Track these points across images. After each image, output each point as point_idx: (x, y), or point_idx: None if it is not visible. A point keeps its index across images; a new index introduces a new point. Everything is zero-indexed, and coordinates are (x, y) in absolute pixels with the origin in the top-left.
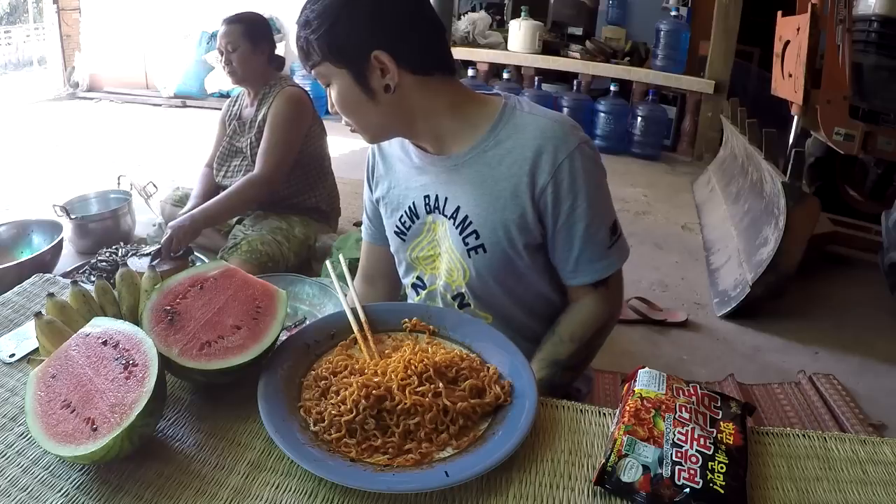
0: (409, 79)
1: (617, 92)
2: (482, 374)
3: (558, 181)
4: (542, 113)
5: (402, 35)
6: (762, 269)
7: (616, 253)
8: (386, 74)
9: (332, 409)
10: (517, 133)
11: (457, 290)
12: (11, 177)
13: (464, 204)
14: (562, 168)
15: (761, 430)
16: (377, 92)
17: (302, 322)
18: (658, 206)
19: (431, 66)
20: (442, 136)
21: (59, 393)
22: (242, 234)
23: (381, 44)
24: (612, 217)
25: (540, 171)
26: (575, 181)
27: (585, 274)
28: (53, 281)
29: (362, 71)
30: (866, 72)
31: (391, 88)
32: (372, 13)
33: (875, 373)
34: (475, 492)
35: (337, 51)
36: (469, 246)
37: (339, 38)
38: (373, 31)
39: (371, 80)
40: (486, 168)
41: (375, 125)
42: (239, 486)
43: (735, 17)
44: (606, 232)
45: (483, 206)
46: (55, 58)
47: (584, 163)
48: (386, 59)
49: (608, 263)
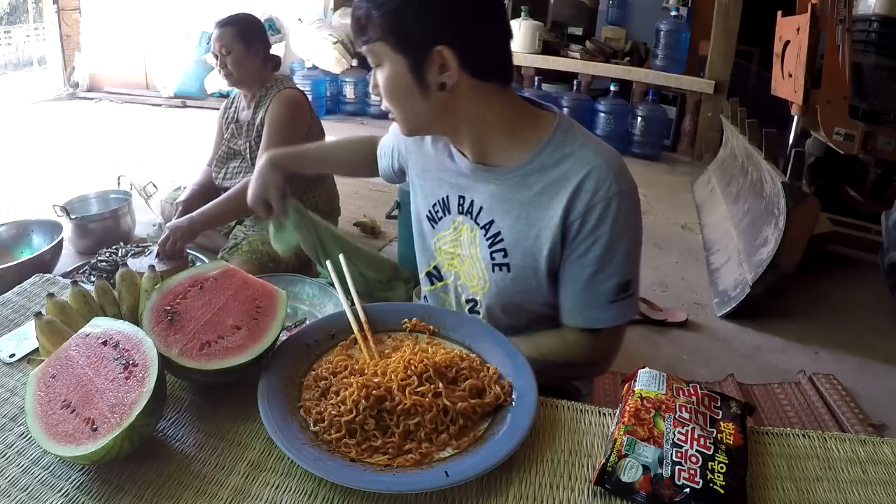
0: (466, 81)
1: (617, 92)
2: (482, 374)
3: (585, 220)
4: (593, 146)
5: (471, 34)
6: (762, 269)
7: (618, 310)
8: (445, 72)
9: (332, 409)
10: (564, 162)
11: (472, 295)
12: (11, 177)
13: (498, 219)
14: (594, 209)
15: (761, 430)
16: (431, 87)
17: (302, 322)
18: (658, 206)
19: (491, 72)
20: (486, 146)
21: (59, 393)
22: (243, 235)
23: (447, 39)
24: (629, 276)
25: (575, 206)
26: (600, 226)
27: (577, 317)
28: (53, 281)
29: (421, 62)
30: (866, 72)
31: (446, 87)
32: (445, 4)
33: (875, 373)
34: (475, 492)
35: (400, 35)
36: (496, 261)
37: (405, 23)
38: (442, 23)
39: (427, 74)
40: (528, 191)
41: (419, 120)
42: (239, 486)
43: (735, 17)
44: (614, 286)
45: (517, 229)
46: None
47: (618, 212)
48: (449, 55)
49: (605, 317)
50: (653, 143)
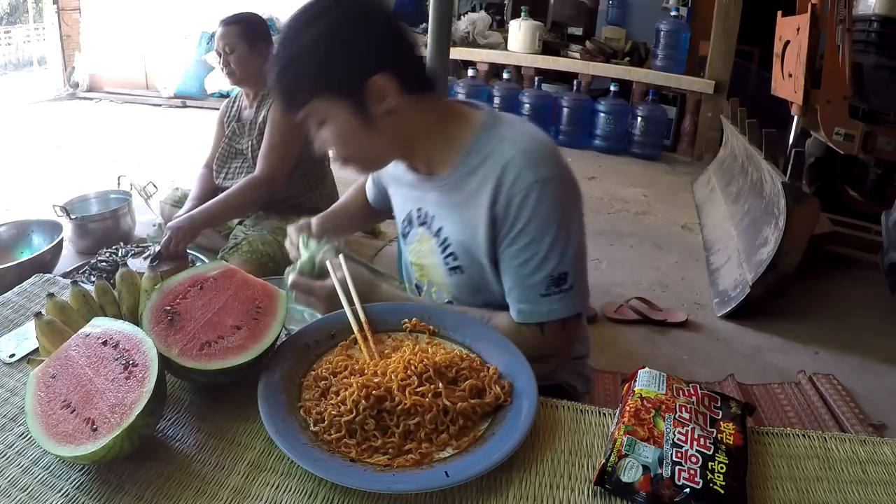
0: (405, 100)
1: (617, 92)
2: (482, 374)
3: (507, 213)
4: (517, 136)
5: (396, 53)
6: (762, 269)
7: (552, 304)
8: (385, 98)
9: (332, 409)
10: (487, 160)
11: (447, 298)
12: (11, 177)
13: (445, 225)
14: (513, 200)
15: (761, 430)
16: (376, 119)
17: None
18: (658, 206)
19: (423, 83)
20: (431, 157)
21: (59, 393)
22: (243, 235)
23: (378, 66)
24: (564, 268)
25: (498, 200)
26: (520, 216)
27: (514, 311)
28: (53, 281)
29: (362, 98)
30: (866, 72)
31: (391, 112)
32: (363, 38)
33: (875, 373)
34: (475, 492)
35: (334, 82)
36: (449, 265)
37: (333, 68)
38: (367, 54)
39: (371, 107)
40: (462, 194)
41: (376, 154)
42: (239, 486)
43: (735, 17)
44: (545, 278)
45: (459, 232)
46: (55, 58)
47: (538, 201)
48: (385, 81)
49: (540, 310)
50: (653, 143)
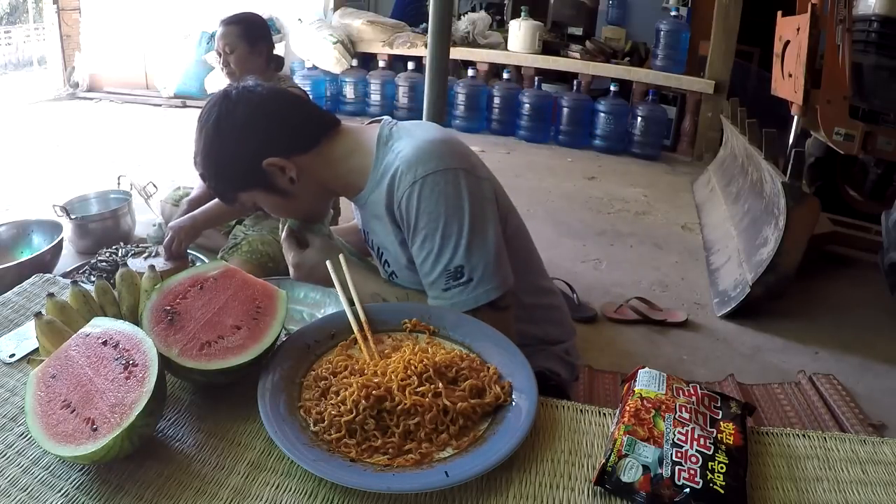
0: (304, 160)
1: (617, 92)
2: (482, 374)
3: (400, 215)
4: (403, 144)
5: (273, 134)
6: (762, 269)
7: (455, 297)
8: (285, 171)
9: (332, 409)
10: (387, 171)
11: None
12: (11, 177)
13: (376, 238)
14: (402, 203)
15: (761, 430)
16: (288, 189)
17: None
18: (658, 206)
19: (313, 137)
20: (349, 184)
21: (59, 393)
22: (243, 234)
23: (263, 154)
24: (459, 262)
25: (392, 206)
26: (409, 216)
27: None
28: (53, 281)
29: (267, 181)
30: (866, 72)
31: (295, 179)
32: (237, 138)
33: (875, 373)
34: (475, 492)
35: (237, 182)
36: (387, 272)
37: (230, 173)
38: (248, 149)
39: (279, 183)
40: (375, 209)
41: (308, 210)
42: (239, 486)
43: (735, 17)
44: (441, 273)
45: (382, 242)
46: (55, 58)
47: (420, 198)
48: (275, 160)
49: (446, 304)
50: (653, 143)
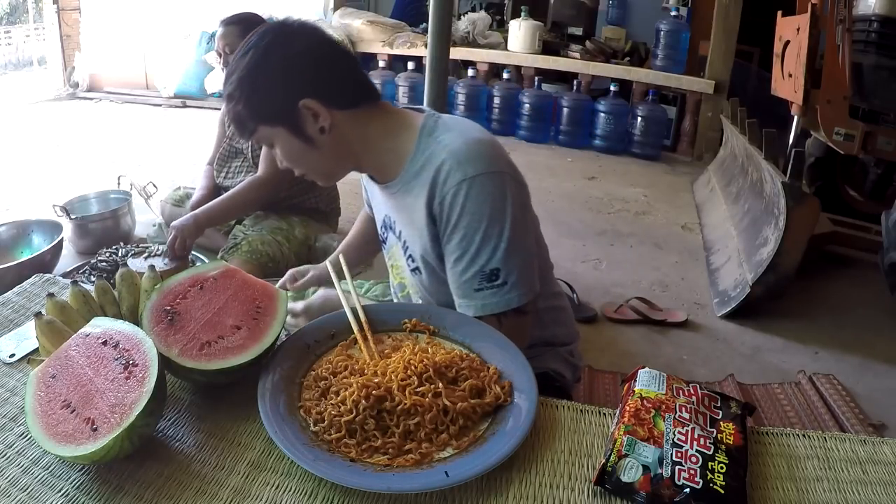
0: (340, 116)
1: (617, 92)
2: (482, 374)
3: (441, 212)
4: (451, 138)
5: (321, 77)
6: (762, 269)
7: (485, 299)
8: (318, 118)
9: (332, 409)
10: (428, 163)
11: (418, 299)
12: (11, 177)
13: (402, 228)
14: (445, 200)
15: (761, 430)
16: (315, 138)
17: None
18: (658, 206)
19: (357, 98)
20: (381, 164)
21: (59, 393)
22: (243, 235)
23: (304, 92)
24: (496, 265)
25: (434, 201)
26: (452, 215)
27: (457, 305)
28: (53, 281)
29: (296, 122)
30: (866, 72)
31: (326, 130)
32: (285, 67)
33: (875, 373)
34: (475, 492)
35: (267, 112)
36: (410, 267)
37: (264, 101)
38: (292, 83)
39: (307, 129)
40: (411, 198)
41: (325, 169)
42: (239, 486)
43: (735, 17)
44: (476, 273)
45: (411, 234)
46: (55, 58)
47: (467, 198)
48: (313, 104)
49: (473, 305)
50: (653, 143)
